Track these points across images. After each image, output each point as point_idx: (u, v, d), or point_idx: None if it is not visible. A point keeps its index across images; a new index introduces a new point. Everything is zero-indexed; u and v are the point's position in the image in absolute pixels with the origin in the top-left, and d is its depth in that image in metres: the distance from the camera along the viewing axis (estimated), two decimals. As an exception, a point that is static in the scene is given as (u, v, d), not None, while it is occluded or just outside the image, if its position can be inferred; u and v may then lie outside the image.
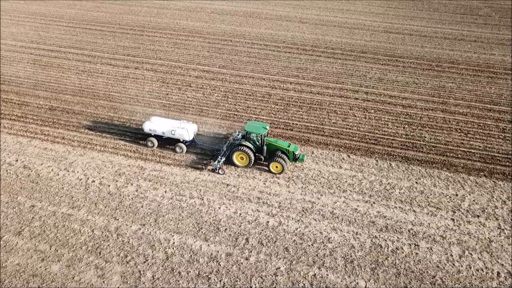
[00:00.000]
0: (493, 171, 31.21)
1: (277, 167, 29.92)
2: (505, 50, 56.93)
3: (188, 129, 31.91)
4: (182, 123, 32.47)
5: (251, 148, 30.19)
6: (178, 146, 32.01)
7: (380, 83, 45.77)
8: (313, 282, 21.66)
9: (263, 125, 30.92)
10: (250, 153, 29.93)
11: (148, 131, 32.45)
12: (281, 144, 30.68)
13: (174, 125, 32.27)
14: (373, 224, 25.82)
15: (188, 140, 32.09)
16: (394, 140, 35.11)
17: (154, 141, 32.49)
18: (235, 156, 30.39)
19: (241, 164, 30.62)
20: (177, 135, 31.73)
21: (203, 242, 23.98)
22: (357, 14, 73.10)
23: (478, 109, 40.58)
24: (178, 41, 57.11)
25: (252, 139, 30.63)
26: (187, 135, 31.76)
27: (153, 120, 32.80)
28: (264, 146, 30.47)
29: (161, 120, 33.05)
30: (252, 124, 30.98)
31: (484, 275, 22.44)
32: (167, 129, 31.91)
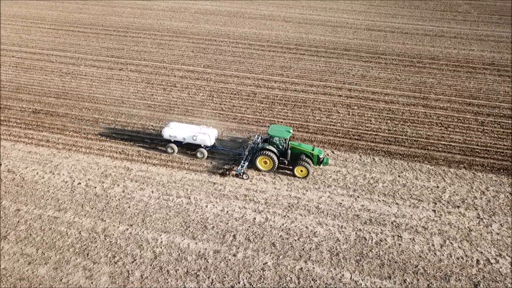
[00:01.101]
0: (473, 163, 32.12)
1: (302, 171, 29.49)
2: (483, 46, 58.32)
3: (210, 134, 31.54)
4: (203, 128, 32.12)
5: (275, 152, 29.74)
6: (199, 152, 31.56)
7: (363, 80, 46.53)
8: (299, 276, 22.11)
9: (287, 128, 30.45)
10: (274, 157, 29.40)
11: (168, 137, 31.87)
12: (305, 148, 30.24)
13: (194, 130, 31.83)
14: (358, 217, 26.40)
15: (210, 145, 31.73)
16: (377, 135, 35.82)
17: (175, 147, 32.01)
18: (259, 160, 29.84)
19: (264, 168, 30.13)
20: (199, 141, 31.33)
21: (190, 240, 24.23)
22: (340, 13, 73.96)
23: (457, 103, 41.60)
24: (162, 42, 57.10)
25: (276, 143, 30.27)
26: (209, 140, 31.35)
27: (172, 126, 32.22)
28: (288, 150, 29.99)
29: (180, 125, 32.50)
30: (275, 128, 30.49)
31: (464, 263, 23.18)
32: (188, 134, 31.44)
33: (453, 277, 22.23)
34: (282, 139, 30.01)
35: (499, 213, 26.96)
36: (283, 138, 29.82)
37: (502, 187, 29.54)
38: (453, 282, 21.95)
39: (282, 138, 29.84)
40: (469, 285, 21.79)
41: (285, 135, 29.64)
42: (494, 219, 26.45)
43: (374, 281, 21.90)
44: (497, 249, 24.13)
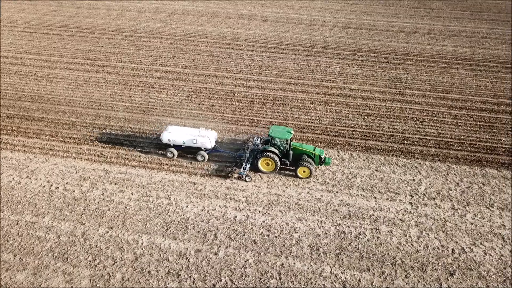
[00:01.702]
0: (447, 156, 33.02)
1: (304, 172, 29.53)
2: (456, 41, 59.82)
3: (210, 137, 31.26)
4: (202, 131, 31.81)
5: (277, 154, 29.69)
6: (199, 155, 31.22)
7: (340, 77, 47.18)
8: (281, 271, 22.37)
9: (288, 129, 30.50)
10: (276, 158, 29.35)
11: (167, 141, 31.39)
12: (307, 148, 30.28)
13: (194, 133, 31.47)
14: (337, 212, 26.84)
15: (210, 148, 31.47)
16: (354, 131, 36.42)
17: (174, 151, 31.62)
18: (261, 162, 29.74)
19: (266, 170, 30.03)
20: (199, 144, 31.02)
21: (171, 240, 24.22)
22: (316, 11, 74.68)
23: (432, 98, 42.63)
24: (139, 43, 56.61)
25: (277, 144, 30.22)
26: (209, 143, 31.09)
27: (171, 130, 31.82)
28: (290, 151, 29.99)
29: (178, 129, 32.14)
30: (276, 129, 30.47)
31: (440, 252, 23.87)
32: (187, 138, 31.06)
33: (429, 267, 22.86)
34: (283, 140, 30.04)
35: (473, 204, 27.82)
36: (284, 139, 29.87)
37: (475, 178, 30.47)
38: (430, 272, 22.58)
39: (284, 139, 29.88)
40: (444, 274, 22.45)
41: (286, 136, 29.67)
42: (468, 210, 27.28)
43: (354, 274, 22.35)
44: (471, 238, 24.91)
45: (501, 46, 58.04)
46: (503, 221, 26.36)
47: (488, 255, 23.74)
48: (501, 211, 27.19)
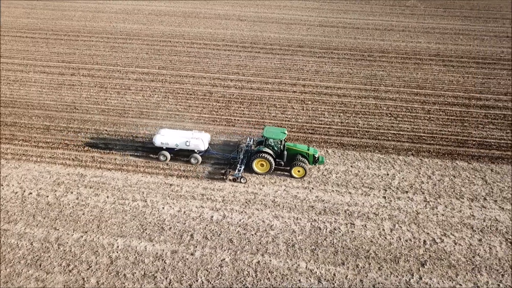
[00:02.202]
0: (420, 150, 33.77)
1: (299, 171, 29.66)
2: (429, 38, 61.07)
3: (203, 139, 31.03)
4: (195, 132, 31.58)
5: (271, 154, 29.69)
6: (193, 157, 30.94)
7: (317, 75, 47.69)
8: (257, 269, 22.57)
9: (281, 130, 30.53)
10: (271, 159, 29.34)
11: (160, 144, 31.06)
12: (301, 148, 30.39)
13: (187, 135, 31.23)
14: (312, 208, 27.19)
15: (204, 150, 31.24)
16: (330, 128, 36.89)
17: (167, 154, 31.26)
18: (255, 163, 29.71)
19: (261, 171, 30.00)
20: (192, 146, 30.78)
21: (147, 242, 24.17)
22: (293, 10, 75.21)
23: (406, 93, 43.48)
24: (116, 45, 56.09)
25: (271, 145, 30.21)
26: (203, 145, 30.83)
27: (163, 133, 31.50)
28: (284, 151, 30.03)
29: (171, 132, 31.82)
30: (270, 130, 30.49)
31: (412, 244, 24.43)
32: (180, 141, 30.78)
33: (402, 259, 23.39)
34: (277, 140, 30.13)
35: (444, 195, 28.54)
36: (278, 139, 29.96)
37: (446, 171, 31.24)
38: (402, 263, 23.10)
39: (278, 139, 29.98)
40: (416, 265, 22.99)
41: (280, 137, 29.76)
42: (439, 201, 27.98)
43: (329, 268, 22.70)
44: (442, 229, 25.57)
45: (472, 42, 59.48)
46: (472, 211, 27.12)
47: (458, 244, 24.41)
48: (470, 202, 27.96)
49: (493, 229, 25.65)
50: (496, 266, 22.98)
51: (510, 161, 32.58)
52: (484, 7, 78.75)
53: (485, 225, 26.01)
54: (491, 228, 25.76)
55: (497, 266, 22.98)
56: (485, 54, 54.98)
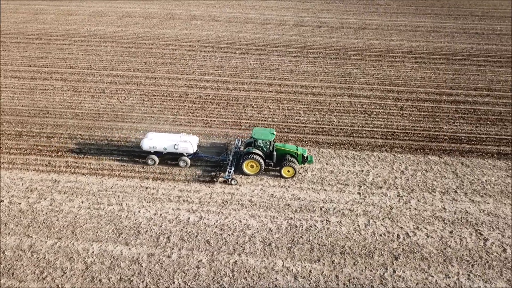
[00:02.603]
0: (393, 146, 34.49)
1: (289, 171, 29.73)
2: (402, 35, 62.30)
3: (192, 142, 30.76)
4: (183, 135, 31.26)
5: (261, 155, 29.68)
6: (182, 160, 30.72)
7: (292, 75, 48.10)
8: (234, 269, 22.69)
9: (270, 130, 30.58)
10: (261, 160, 29.38)
11: (148, 148, 30.66)
12: (290, 148, 30.49)
13: (175, 139, 30.93)
14: (289, 206, 27.48)
15: (192, 153, 30.98)
16: (305, 126, 37.30)
17: (155, 158, 30.94)
18: (245, 164, 29.69)
19: (251, 172, 29.99)
20: (181, 149, 30.49)
21: (123, 246, 23.99)
22: (269, 10, 75.57)
23: (379, 91, 44.29)
24: (90, 48, 55.29)
25: (260, 146, 30.19)
26: (191, 148, 30.58)
27: (151, 137, 31.11)
28: (274, 152, 30.06)
29: (159, 135, 31.48)
30: (259, 131, 30.49)
31: (386, 238, 24.97)
32: (168, 144, 30.46)
33: (376, 253, 23.89)
34: (266, 141, 30.18)
35: (416, 190, 29.25)
36: (267, 140, 30.01)
37: (419, 166, 32.01)
38: (376, 258, 23.59)
39: (267, 140, 30.02)
40: (390, 259, 23.52)
41: (269, 137, 29.82)
42: (412, 196, 28.67)
43: (305, 265, 23.00)
44: (415, 223, 26.21)
45: (443, 39, 60.99)
46: (444, 204, 27.89)
47: (430, 237, 25.08)
48: (442, 195, 28.75)
49: (463, 221, 26.44)
50: (466, 257, 23.71)
51: (480, 154, 33.60)
52: (454, 5, 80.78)
53: (456, 217, 26.79)
54: (462, 220, 26.55)
55: (468, 257, 23.71)
56: (455, 50, 56.46)
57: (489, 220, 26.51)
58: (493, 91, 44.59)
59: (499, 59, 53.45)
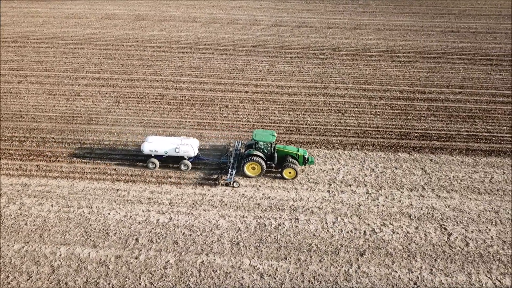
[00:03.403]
0: (365, 144, 34.99)
1: (290, 173, 29.85)
2: (379, 35, 63.04)
3: (193, 145, 30.69)
4: (183, 139, 31.21)
5: (262, 157, 29.76)
6: (183, 164, 30.62)
7: (269, 75, 48.40)
8: (200, 269, 22.87)
9: (271, 132, 30.64)
10: (262, 162, 29.45)
11: (148, 152, 30.55)
12: (290, 150, 30.67)
13: (176, 142, 30.84)
14: (259, 206, 27.75)
15: (193, 156, 30.88)
16: (279, 126, 37.61)
17: (156, 162, 30.80)
18: (247, 166, 29.74)
19: (252, 174, 30.05)
20: (182, 153, 30.39)
21: (91, 249, 24.01)
22: (249, 10, 75.82)
23: (354, 90, 44.83)
24: (66, 50, 54.91)
25: (261, 148, 30.31)
26: (192, 151, 30.51)
27: (151, 140, 30.97)
28: (275, 153, 30.15)
29: (159, 138, 31.35)
30: (259, 133, 30.55)
31: (353, 235, 25.38)
32: (169, 147, 30.36)
33: (342, 250, 24.27)
34: (268, 143, 30.32)
35: (385, 187, 29.76)
36: (268, 142, 30.14)
37: (389, 163, 32.55)
38: (342, 254, 23.97)
39: (268, 142, 30.15)
40: (356, 255, 23.93)
41: (270, 139, 29.90)
42: (380, 193, 29.16)
43: (271, 264, 23.28)
44: (382, 219, 26.69)
45: (420, 38, 61.87)
46: (411, 201, 28.43)
47: (395, 233, 25.56)
48: (410, 192, 29.30)
49: (429, 217, 27.00)
50: (430, 252, 24.22)
51: (449, 151, 34.28)
52: (432, 4, 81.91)
53: (422, 213, 27.34)
54: (428, 215, 27.10)
55: (431, 252, 24.23)
56: (431, 48, 57.33)
57: (454, 215, 27.10)
58: (465, 88, 45.44)
59: (472, 57, 54.44)
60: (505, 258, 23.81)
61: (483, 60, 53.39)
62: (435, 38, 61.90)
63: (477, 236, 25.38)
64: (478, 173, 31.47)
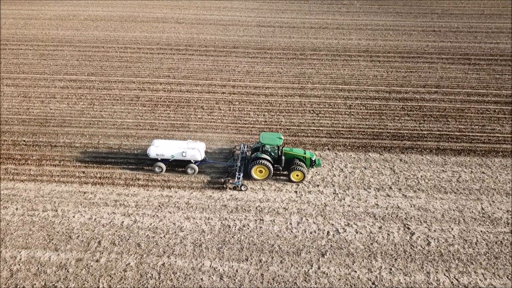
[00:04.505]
0: (336, 144, 35.09)
1: (298, 176, 29.80)
2: (361, 35, 63.22)
3: (199, 149, 30.65)
4: (190, 142, 31.13)
5: (269, 160, 29.71)
6: (189, 167, 30.58)
7: (247, 76, 48.43)
8: (161, 271, 22.87)
9: (277, 135, 30.55)
10: (270, 165, 29.42)
11: (155, 156, 30.48)
12: (298, 152, 30.56)
13: (182, 146, 30.78)
14: (225, 207, 27.77)
15: (200, 159, 30.86)
16: (253, 127, 37.64)
17: (163, 166, 30.74)
18: (254, 170, 29.70)
19: (259, 177, 30.03)
20: (189, 156, 30.36)
21: (52, 252, 23.95)
22: (233, 11, 75.82)
23: (331, 90, 44.93)
24: (46, 52, 54.69)
25: (268, 151, 30.29)
26: (199, 155, 30.48)
27: (157, 144, 30.89)
28: (282, 156, 30.08)
29: (165, 142, 31.26)
30: (266, 136, 30.45)
31: (316, 236, 25.45)
32: (176, 151, 30.31)
33: (304, 250, 24.35)
34: (275, 146, 30.32)
35: (353, 187, 29.86)
36: (276, 145, 30.10)
37: (358, 163, 32.65)
38: (304, 255, 24.04)
39: (275, 145, 30.12)
40: (317, 256, 24.00)
41: (277, 142, 29.81)
42: (347, 193, 29.26)
43: (232, 265, 23.32)
44: (346, 219, 26.79)
45: (401, 37, 62.09)
46: (377, 200, 28.56)
47: (359, 233, 25.66)
48: (376, 192, 29.43)
49: (393, 216, 27.13)
50: (391, 252, 24.35)
51: (419, 150, 34.44)
52: (416, 3, 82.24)
53: (387, 212, 27.46)
54: (392, 215, 27.24)
55: (392, 252, 24.35)
56: (411, 48, 57.56)
57: (418, 215, 27.25)
58: (441, 87, 45.68)
59: (451, 56, 54.72)
60: (465, 257, 23.98)
61: (461, 60, 53.68)
62: (416, 37, 62.16)
63: (439, 235, 25.54)
64: (446, 172, 31.65)
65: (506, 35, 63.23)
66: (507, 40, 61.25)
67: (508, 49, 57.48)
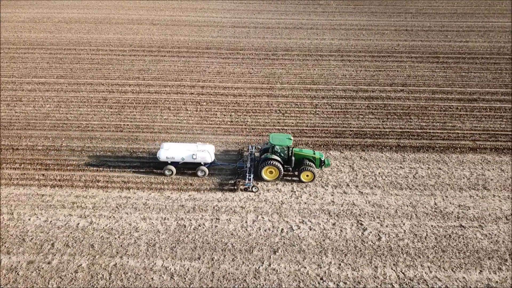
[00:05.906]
0: (298, 143, 35.45)
1: (308, 176, 30.07)
2: (334, 34, 63.84)
3: (209, 151, 30.73)
4: (199, 145, 31.18)
5: (279, 161, 29.88)
6: (200, 170, 30.61)
7: (217, 76, 48.67)
8: (112, 272, 22.99)
9: (287, 136, 30.68)
10: (280, 166, 29.62)
11: (165, 159, 30.55)
12: (307, 153, 30.80)
13: (192, 148, 30.83)
14: (182, 207, 27.97)
15: (210, 162, 30.89)
16: (219, 127, 37.91)
17: (173, 169, 30.75)
18: (264, 171, 29.87)
19: (270, 178, 30.20)
20: (199, 159, 30.46)
21: (4, 255, 23.91)
22: (209, 12, 76.00)
23: (299, 90, 45.37)
24: (16, 55, 54.32)
25: (278, 152, 30.48)
26: (209, 157, 30.58)
27: (167, 147, 30.85)
28: (292, 157, 30.30)
29: (175, 145, 31.22)
30: (276, 137, 30.55)
31: (270, 233, 25.79)
32: (186, 154, 30.39)
33: (256, 248, 24.66)
34: (284, 147, 30.54)
35: (310, 185, 30.28)
36: (285, 146, 30.30)
37: (318, 161, 33.06)
38: (256, 252, 24.36)
39: (285, 146, 30.31)
40: (269, 253, 24.34)
41: (287, 143, 29.96)
42: (305, 191, 29.67)
43: (184, 264, 23.54)
44: (301, 217, 27.18)
45: (373, 37, 62.85)
46: (333, 198, 29.00)
47: (312, 230, 26.07)
48: (334, 189, 29.88)
49: (348, 213, 27.59)
50: (342, 247, 24.79)
51: (379, 148, 35.02)
52: (392, 3, 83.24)
53: (342, 209, 27.92)
54: (347, 212, 27.70)
55: (343, 247, 24.79)
56: (381, 47, 58.31)
57: (372, 211, 27.76)
58: (407, 86, 46.41)
59: (421, 55, 55.57)
60: (413, 251, 24.52)
61: (430, 58, 54.56)
62: (388, 37, 62.98)
63: (390, 230, 26.07)
64: (404, 169, 32.25)
65: (476, 34, 64.39)
66: (477, 38, 62.39)
67: (476, 47, 58.57)
